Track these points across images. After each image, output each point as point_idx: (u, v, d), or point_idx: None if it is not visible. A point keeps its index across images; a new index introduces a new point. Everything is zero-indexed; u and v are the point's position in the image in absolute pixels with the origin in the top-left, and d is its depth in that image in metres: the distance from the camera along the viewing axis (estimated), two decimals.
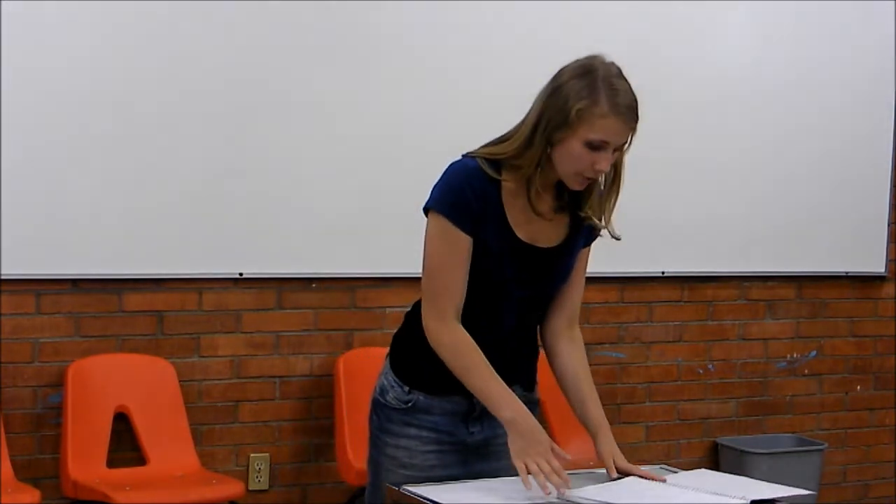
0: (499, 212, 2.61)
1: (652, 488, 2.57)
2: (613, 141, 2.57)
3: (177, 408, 4.50)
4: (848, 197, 5.57)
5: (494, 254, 2.61)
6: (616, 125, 2.56)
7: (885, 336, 5.79)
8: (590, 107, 2.55)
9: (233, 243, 4.57)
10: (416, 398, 2.70)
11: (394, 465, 2.71)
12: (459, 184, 2.59)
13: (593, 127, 2.54)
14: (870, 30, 5.53)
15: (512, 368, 2.72)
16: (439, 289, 2.61)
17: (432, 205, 2.61)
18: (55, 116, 4.31)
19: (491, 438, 2.75)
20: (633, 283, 5.24)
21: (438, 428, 2.70)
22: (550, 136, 2.57)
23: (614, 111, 2.56)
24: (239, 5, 4.49)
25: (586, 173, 2.59)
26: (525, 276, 2.67)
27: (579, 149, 2.55)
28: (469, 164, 2.63)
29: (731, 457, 5.32)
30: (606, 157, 2.57)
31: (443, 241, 2.60)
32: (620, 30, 5.07)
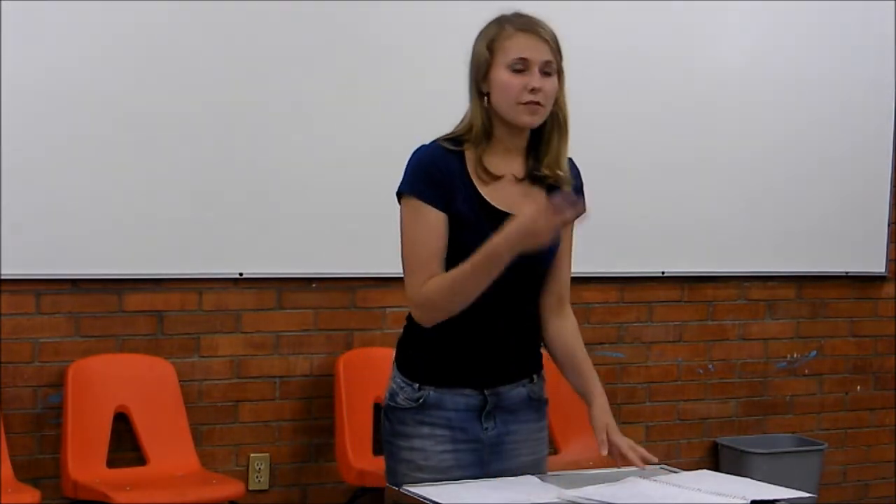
0: (466, 182, 2.65)
1: (653, 488, 2.57)
2: (532, 56, 2.64)
3: (177, 408, 4.50)
4: (848, 197, 5.57)
5: (472, 224, 2.63)
6: (527, 40, 2.65)
7: (885, 336, 5.79)
8: (497, 34, 2.66)
9: (233, 243, 4.57)
10: (426, 394, 2.69)
11: (410, 468, 2.69)
12: (423, 163, 2.65)
13: (506, 50, 2.64)
14: (870, 30, 5.53)
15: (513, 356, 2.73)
16: (417, 264, 2.63)
17: (401, 188, 2.67)
18: (55, 117, 4.31)
19: (504, 435, 2.75)
20: (633, 283, 5.24)
21: (452, 424, 2.69)
22: (479, 86, 2.66)
23: (521, 29, 2.66)
24: (240, 6, 4.49)
25: (523, 98, 2.64)
26: None
27: (506, 76, 2.63)
28: (429, 145, 2.70)
29: (731, 457, 5.32)
30: (535, 76, 2.64)
31: (415, 220, 2.64)
32: (621, 31, 5.07)
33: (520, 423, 2.76)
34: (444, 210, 2.62)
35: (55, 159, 4.32)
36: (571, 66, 5.37)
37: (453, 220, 2.63)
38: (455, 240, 2.63)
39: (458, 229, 2.63)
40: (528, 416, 2.78)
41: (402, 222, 2.67)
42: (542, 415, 2.83)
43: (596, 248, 5.12)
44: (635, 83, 5.13)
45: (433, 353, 2.69)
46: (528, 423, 2.78)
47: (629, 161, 5.14)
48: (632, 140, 5.13)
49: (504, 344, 2.72)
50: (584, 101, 5.01)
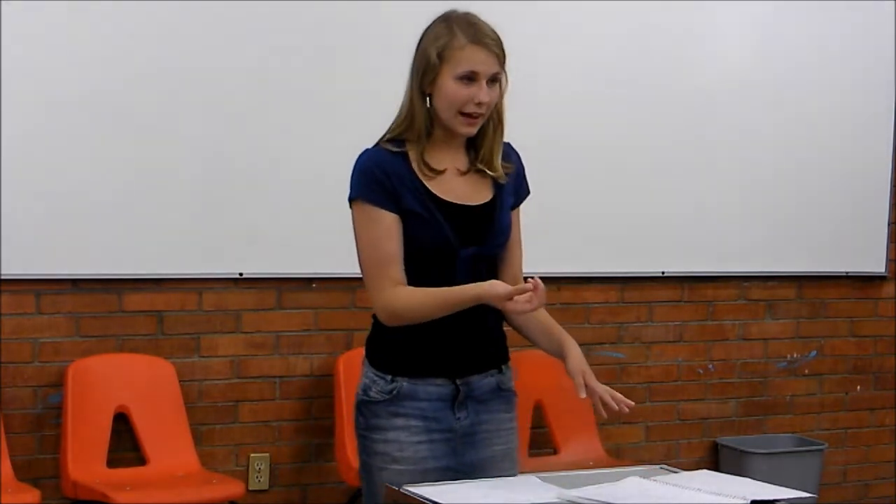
0: (413, 180, 2.70)
1: (654, 488, 2.57)
2: (482, 70, 2.67)
3: (177, 408, 4.50)
4: (848, 197, 5.57)
5: (426, 219, 2.69)
6: (478, 53, 2.67)
7: (885, 336, 5.79)
8: (449, 43, 2.68)
9: (233, 243, 4.57)
10: (399, 385, 2.74)
11: (385, 461, 2.73)
12: (368, 168, 2.71)
13: (457, 60, 2.67)
14: (870, 30, 5.52)
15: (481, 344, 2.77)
16: (374, 266, 2.69)
17: (351, 195, 2.74)
18: (55, 117, 4.31)
19: (476, 425, 2.79)
20: (633, 283, 5.24)
21: (426, 415, 2.73)
22: (422, 86, 2.70)
23: (473, 40, 2.68)
24: (240, 6, 4.49)
25: (468, 109, 2.68)
26: (465, 235, 2.72)
27: (453, 86, 2.67)
28: (370, 149, 2.77)
29: (731, 457, 5.32)
30: (482, 89, 2.67)
31: (368, 224, 2.70)
32: (621, 31, 5.07)
33: (490, 412, 2.80)
34: (396, 211, 2.68)
35: (55, 159, 4.32)
36: (572, 67, 5.41)
37: (406, 218, 2.69)
38: (410, 236, 2.70)
39: (411, 226, 2.69)
40: (498, 406, 2.82)
41: (355, 228, 2.73)
42: (511, 406, 2.87)
43: (596, 248, 5.12)
44: (635, 83, 5.12)
45: (404, 344, 2.74)
46: (499, 413, 2.83)
47: (629, 161, 5.14)
48: (632, 140, 5.13)
49: (471, 332, 2.75)
50: (584, 101, 5.06)
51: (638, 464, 2.80)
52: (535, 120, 4.89)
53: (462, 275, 2.70)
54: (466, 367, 2.76)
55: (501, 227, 2.79)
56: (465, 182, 2.76)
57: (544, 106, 4.87)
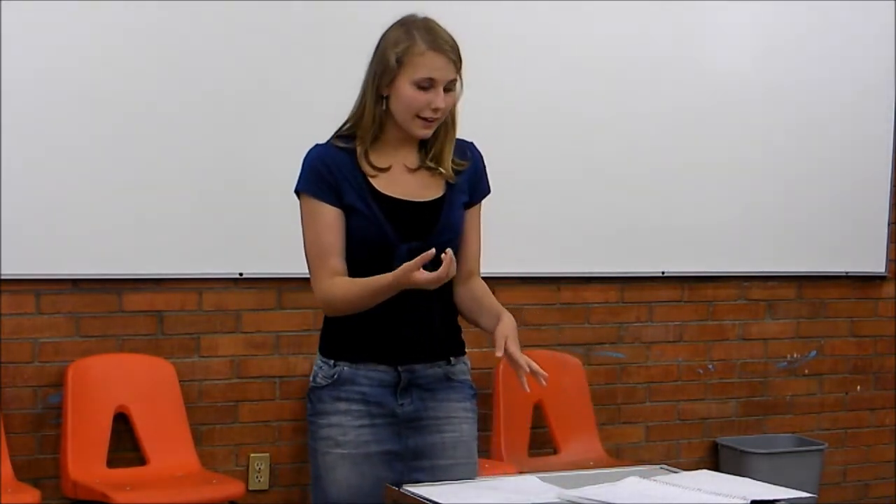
0: (356, 175, 2.76)
1: (653, 488, 2.57)
2: (439, 76, 2.72)
3: (177, 408, 4.50)
4: (848, 197, 5.57)
5: (366, 215, 2.75)
6: (437, 60, 2.72)
7: (885, 336, 5.79)
8: (408, 48, 2.73)
9: (233, 243, 4.57)
10: (341, 370, 2.79)
11: (329, 445, 2.77)
12: (311, 163, 2.80)
13: (415, 66, 2.72)
14: (870, 31, 5.52)
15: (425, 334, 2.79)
16: (316, 257, 2.77)
17: (296, 188, 2.82)
18: (55, 117, 4.31)
19: (422, 411, 2.81)
20: (633, 283, 5.24)
21: (367, 399, 2.77)
22: (379, 88, 2.76)
23: (432, 47, 2.73)
24: (239, 6, 4.50)
25: (424, 114, 2.74)
26: (406, 230, 2.76)
27: (410, 91, 2.72)
28: (320, 145, 2.84)
29: (731, 457, 5.32)
30: (439, 95, 2.72)
31: (310, 217, 2.79)
32: (621, 33, 5.07)
33: (438, 401, 2.82)
34: (337, 205, 2.75)
35: (55, 159, 4.32)
36: (573, 67, 5.41)
37: (347, 212, 2.75)
38: (351, 230, 2.76)
39: (352, 221, 2.75)
40: (446, 394, 2.84)
41: (301, 221, 2.82)
42: (464, 396, 2.87)
43: (596, 248, 5.12)
44: (635, 84, 5.12)
45: (347, 330, 2.80)
46: (448, 402, 2.84)
47: (629, 161, 5.14)
48: (632, 140, 5.13)
49: (417, 322, 2.78)
50: (584, 102, 5.06)
51: (638, 464, 2.80)
52: (534, 120, 4.90)
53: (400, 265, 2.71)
54: (408, 355, 2.79)
55: (448, 224, 2.81)
56: (414, 179, 2.80)
57: (544, 106, 4.88)
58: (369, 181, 2.77)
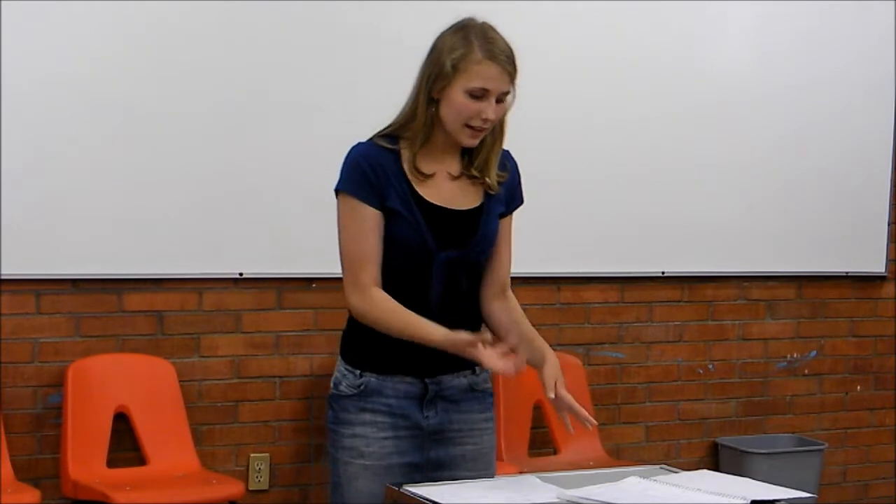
0: (400, 179, 2.71)
1: (653, 488, 2.57)
2: (493, 87, 2.67)
3: (177, 408, 4.50)
4: (848, 197, 5.57)
5: (406, 219, 2.69)
6: (492, 71, 2.66)
7: (885, 336, 5.79)
8: (465, 55, 2.66)
9: (233, 243, 4.57)
10: (367, 380, 2.75)
11: (351, 455, 2.74)
12: (355, 161, 2.72)
13: (470, 74, 2.65)
14: (870, 31, 5.53)
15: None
16: (353, 262, 2.72)
17: (337, 186, 2.74)
18: (55, 117, 4.31)
19: (446, 423, 2.79)
20: (633, 283, 5.24)
21: (393, 411, 2.73)
22: (431, 92, 2.69)
23: (489, 57, 2.66)
24: (238, 6, 4.49)
25: (473, 123, 2.68)
26: (445, 238, 2.72)
27: (461, 99, 2.66)
28: (364, 143, 2.77)
29: (731, 457, 5.32)
30: (491, 106, 2.67)
31: (350, 218, 2.72)
32: (621, 32, 5.07)
33: (462, 412, 2.79)
34: (379, 207, 2.69)
35: (55, 159, 4.32)
36: (571, 68, 5.41)
37: (387, 215, 2.70)
38: (390, 234, 2.71)
39: (392, 224, 2.70)
40: (470, 406, 2.82)
41: (339, 219, 2.75)
42: (486, 406, 2.86)
43: (596, 248, 5.13)
44: (635, 85, 5.12)
45: (375, 341, 2.74)
46: (471, 413, 2.82)
47: (629, 161, 5.14)
48: (632, 140, 5.13)
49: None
50: (584, 102, 5.06)
51: (638, 464, 2.80)
52: (534, 120, 4.89)
53: (438, 278, 2.71)
54: (436, 367, 2.75)
55: (485, 234, 2.78)
56: (455, 186, 2.76)
57: (544, 106, 4.87)
58: (412, 186, 2.71)
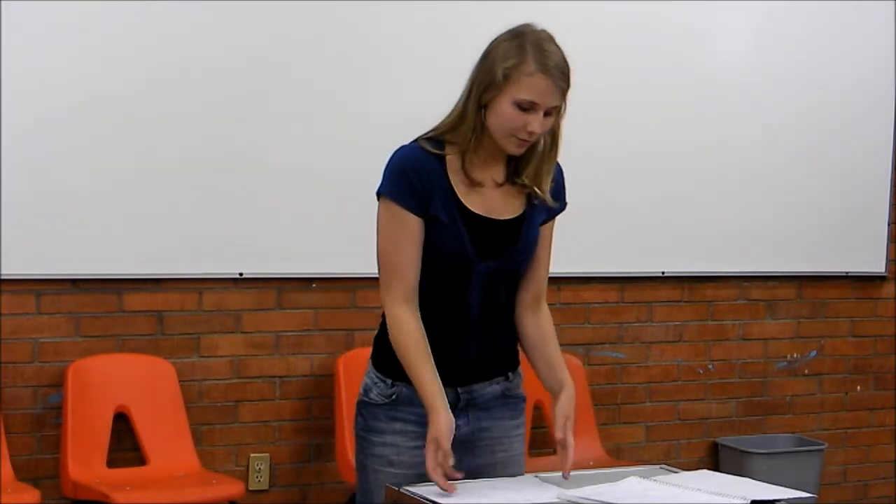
0: (445, 186, 2.65)
1: (653, 488, 2.57)
2: (542, 101, 2.61)
3: (177, 408, 4.50)
4: (848, 197, 5.57)
5: (448, 227, 2.64)
6: (543, 84, 2.60)
7: (885, 336, 5.79)
8: (517, 66, 2.60)
9: (233, 243, 4.57)
10: (399, 390, 2.71)
11: (381, 463, 2.71)
12: (401, 166, 2.65)
13: (521, 86, 2.59)
14: (870, 30, 5.52)
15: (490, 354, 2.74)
16: (390, 271, 2.66)
17: (380, 190, 2.68)
18: (55, 117, 4.31)
19: (477, 432, 2.76)
20: (633, 283, 5.24)
21: (424, 420, 2.68)
22: (481, 98, 2.62)
23: (542, 70, 2.60)
24: (238, 5, 4.49)
25: (519, 135, 2.62)
26: (486, 248, 2.68)
27: (509, 110, 2.59)
28: (411, 146, 2.69)
29: (731, 457, 5.32)
30: (538, 119, 2.61)
31: (391, 224, 2.65)
32: (621, 32, 5.07)
33: (493, 419, 2.76)
34: (422, 214, 2.64)
35: (55, 159, 4.32)
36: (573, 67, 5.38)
37: (429, 223, 2.65)
38: (431, 241, 2.66)
39: (434, 232, 2.65)
40: (502, 413, 2.79)
41: (378, 223, 2.69)
42: (517, 412, 2.84)
43: (596, 248, 5.12)
44: (635, 84, 5.12)
45: None
46: (503, 420, 2.79)
47: (629, 161, 5.14)
48: (632, 140, 5.13)
49: (482, 343, 2.72)
50: (584, 102, 5.03)
51: (638, 464, 2.80)
52: None
53: (476, 288, 2.68)
54: (469, 375, 2.73)
55: (525, 245, 2.74)
56: (499, 194, 2.71)
57: None
58: (457, 194, 2.66)
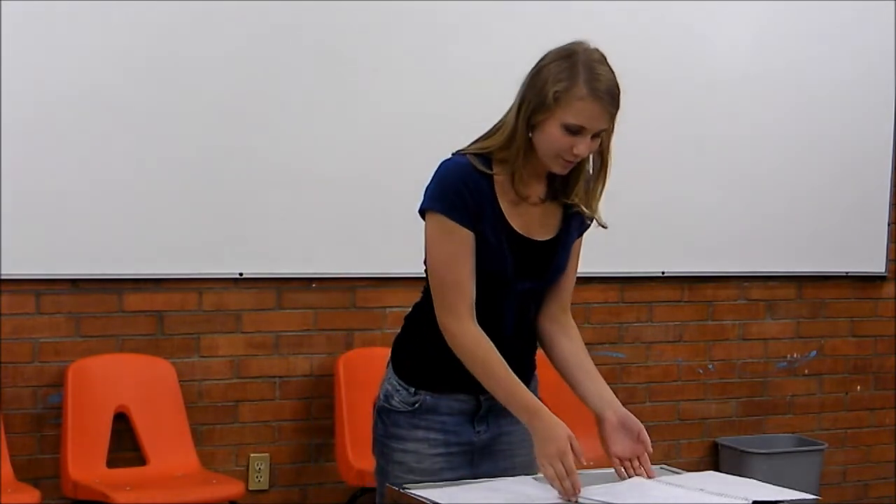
0: (494, 205, 2.62)
1: (655, 488, 2.57)
2: (591, 126, 2.59)
3: (177, 408, 4.50)
4: (848, 197, 5.57)
5: (493, 247, 2.62)
6: (593, 109, 2.58)
7: (885, 336, 5.79)
8: (568, 89, 2.56)
9: (233, 243, 4.57)
10: (422, 398, 2.69)
11: (402, 470, 2.69)
12: (453, 181, 2.60)
13: (571, 110, 2.56)
14: (870, 30, 5.53)
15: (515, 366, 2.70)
16: (449, 287, 2.60)
17: (429, 205, 2.61)
18: (55, 117, 4.31)
19: (497, 437, 2.75)
20: (633, 283, 5.24)
21: (447, 428, 2.68)
22: (530, 119, 2.59)
23: (592, 95, 2.58)
24: (238, 6, 4.49)
25: (566, 157, 2.60)
26: (525, 268, 2.67)
27: (557, 132, 2.57)
28: (460, 161, 2.63)
29: (731, 457, 5.32)
30: (585, 142, 2.59)
31: (446, 239, 2.59)
32: (620, 32, 5.07)
33: (513, 425, 2.73)
34: (472, 229, 2.60)
35: (55, 159, 4.32)
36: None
37: (477, 240, 2.61)
38: (477, 260, 2.62)
39: (480, 250, 2.62)
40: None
41: (428, 238, 2.63)
42: None
43: (596, 248, 5.08)
44: (635, 82, 5.08)
45: (431, 358, 2.68)
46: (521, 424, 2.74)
47: (629, 161, 5.09)
48: (632, 140, 5.06)
49: (512, 358, 2.69)
50: None
51: None
52: None
53: (511, 306, 2.68)
54: None
55: (559, 265, 2.75)
56: (539, 212, 2.70)
57: None
58: (503, 214, 2.63)
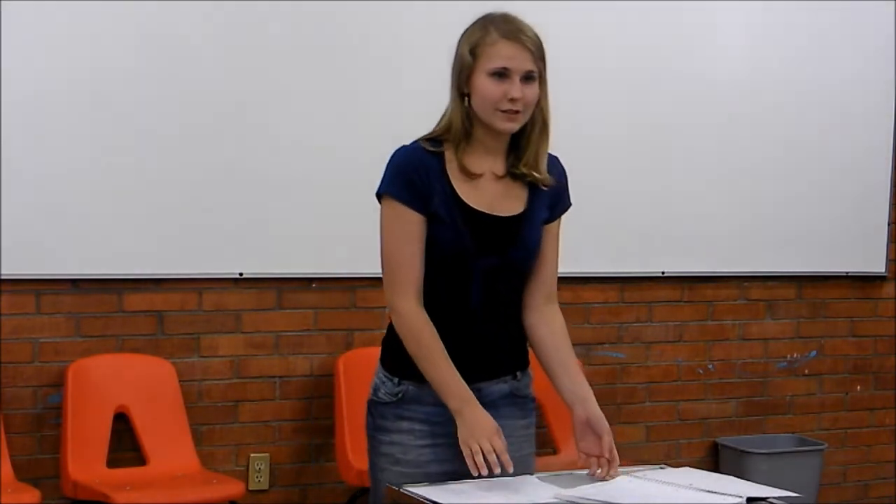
0: (444, 183, 2.67)
1: (648, 487, 2.57)
2: (513, 66, 2.64)
3: (177, 408, 4.50)
4: (848, 197, 5.57)
5: (448, 224, 2.66)
6: (510, 49, 2.65)
7: (885, 336, 5.79)
8: (482, 38, 2.66)
9: (233, 243, 4.57)
10: (406, 388, 2.72)
11: (388, 462, 2.72)
12: (403, 165, 2.68)
13: (489, 56, 2.65)
14: (870, 31, 5.52)
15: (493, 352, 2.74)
16: (395, 267, 2.69)
17: (380, 189, 2.70)
18: (55, 117, 4.32)
19: None
20: (633, 283, 5.24)
21: (431, 419, 2.70)
22: (460, 86, 2.68)
23: (505, 35, 2.66)
24: (238, 6, 4.50)
25: (502, 106, 2.65)
26: (486, 245, 2.69)
27: (486, 83, 2.64)
28: (409, 146, 2.72)
29: (731, 457, 5.32)
30: (515, 85, 2.64)
31: (394, 222, 2.68)
32: (621, 33, 5.07)
33: (501, 419, 2.72)
34: (423, 212, 2.66)
35: (55, 159, 4.32)
36: (573, 68, 5.41)
37: (431, 219, 2.67)
38: (433, 238, 2.67)
39: (434, 228, 2.67)
40: (510, 412, 2.78)
41: (382, 223, 2.71)
42: (527, 412, 2.83)
43: (596, 248, 5.12)
44: (635, 84, 5.12)
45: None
46: (511, 419, 2.78)
47: (629, 161, 5.14)
48: (632, 140, 5.13)
49: (485, 341, 2.73)
50: (584, 101, 5.06)
51: (638, 464, 2.80)
52: None
53: (477, 284, 2.69)
54: (476, 374, 2.71)
55: (525, 241, 2.75)
56: (499, 188, 2.73)
57: None
58: (456, 191, 2.68)
